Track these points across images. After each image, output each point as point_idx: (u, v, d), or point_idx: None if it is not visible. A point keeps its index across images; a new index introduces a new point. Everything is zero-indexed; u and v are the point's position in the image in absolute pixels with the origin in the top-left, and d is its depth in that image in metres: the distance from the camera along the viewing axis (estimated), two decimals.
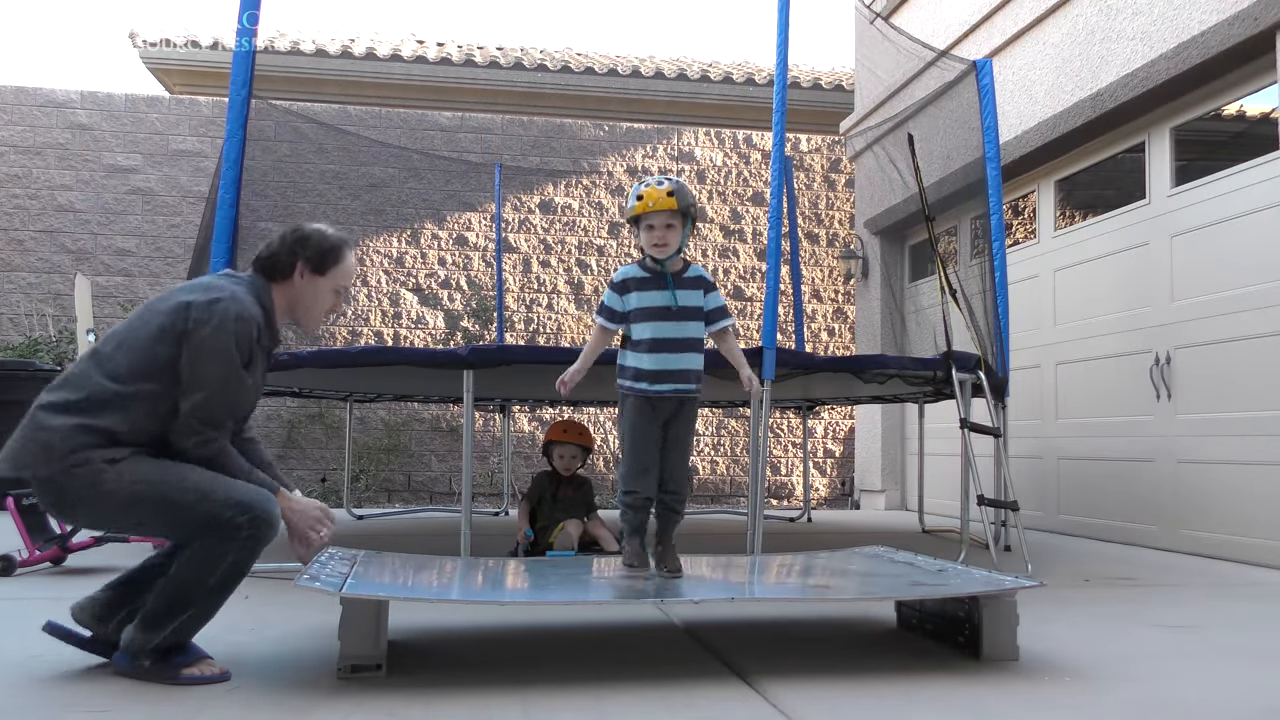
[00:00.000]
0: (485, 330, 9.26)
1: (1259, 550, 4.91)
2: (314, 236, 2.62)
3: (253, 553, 2.34)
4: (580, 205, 9.64)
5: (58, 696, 2.24)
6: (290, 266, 2.58)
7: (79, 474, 2.26)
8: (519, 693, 2.30)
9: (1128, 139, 6.06)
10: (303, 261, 2.58)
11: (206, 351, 2.35)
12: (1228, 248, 5.18)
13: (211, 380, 2.36)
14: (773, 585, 3.21)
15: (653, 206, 3.21)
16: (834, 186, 10.08)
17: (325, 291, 2.64)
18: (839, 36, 27.11)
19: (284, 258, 2.58)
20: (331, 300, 2.66)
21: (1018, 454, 6.63)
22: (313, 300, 2.63)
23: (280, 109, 8.98)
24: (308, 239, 2.61)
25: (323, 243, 2.62)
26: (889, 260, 8.76)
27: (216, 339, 2.36)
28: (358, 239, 9.16)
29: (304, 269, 2.59)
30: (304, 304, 2.62)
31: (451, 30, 31.91)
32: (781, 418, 9.57)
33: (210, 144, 8.91)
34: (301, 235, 2.62)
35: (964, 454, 4.75)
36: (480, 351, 4.29)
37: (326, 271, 2.62)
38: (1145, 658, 2.79)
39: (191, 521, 2.30)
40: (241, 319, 2.40)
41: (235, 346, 2.38)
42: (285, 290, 2.60)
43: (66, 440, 2.26)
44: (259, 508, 2.33)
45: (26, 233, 8.75)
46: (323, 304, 2.65)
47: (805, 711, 2.18)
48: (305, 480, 8.78)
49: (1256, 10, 4.78)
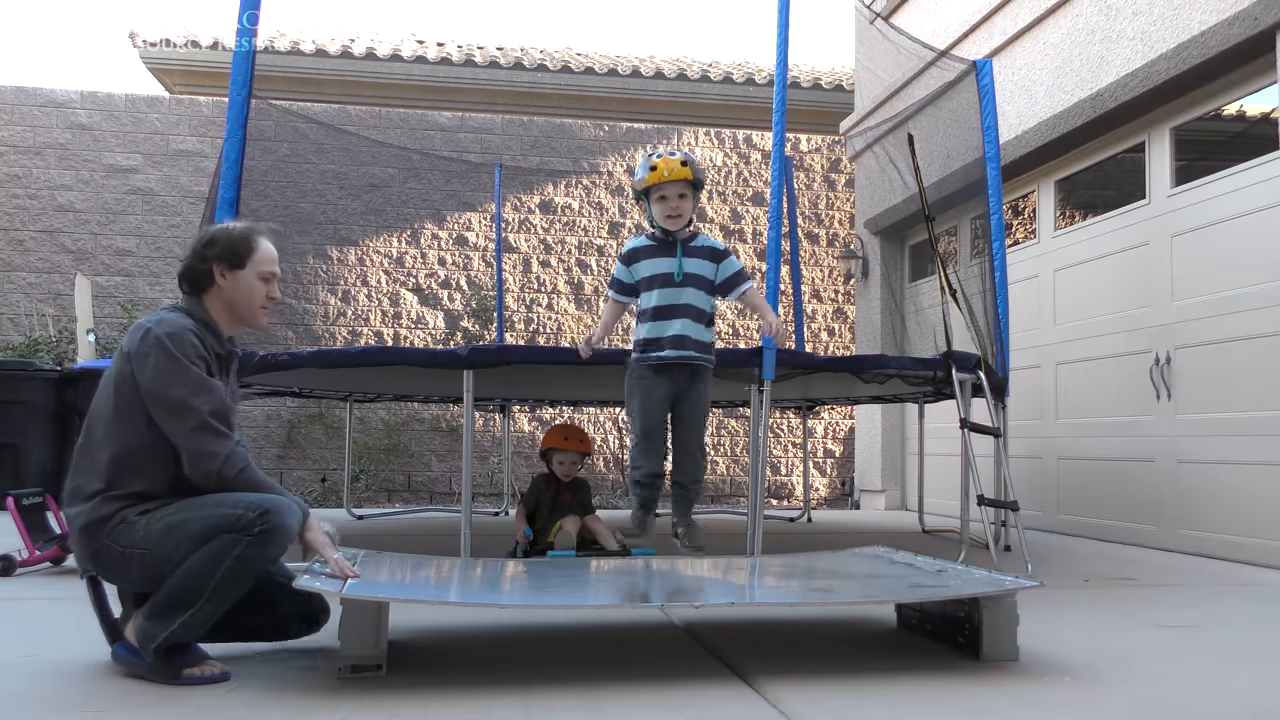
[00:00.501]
0: (485, 330, 9.26)
1: (1259, 550, 4.91)
2: (218, 235, 2.62)
3: (261, 552, 2.32)
4: (580, 205, 9.64)
5: (58, 696, 2.24)
6: (207, 273, 2.57)
7: (120, 533, 2.36)
8: (519, 693, 2.30)
9: (1128, 139, 6.06)
10: (216, 262, 2.57)
11: (160, 379, 2.39)
12: (1228, 248, 5.18)
13: (178, 397, 2.38)
14: (773, 589, 3.20)
15: (668, 176, 3.23)
16: (834, 186, 10.08)
17: (251, 283, 2.60)
18: (839, 36, 27.12)
19: (198, 265, 2.58)
20: (263, 289, 2.63)
21: (1018, 454, 6.63)
22: (245, 295, 2.60)
23: (280, 109, 8.98)
24: (213, 239, 2.61)
25: (229, 237, 2.61)
26: (889, 260, 8.76)
27: (161, 362, 2.39)
28: (358, 239, 9.18)
29: (221, 269, 2.57)
30: (238, 301, 2.60)
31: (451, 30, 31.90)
32: (781, 418, 9.57)
33: (210, 144, 8.91)
34: (207, 238, 2.63)
35: (964, 454, 4.74)
36: (480, 351, 4.29)
37: (244, 264, 2.59)
38: (1145, 658, 2.79)
39: (210, 522, 2.31)
40: (172, 335, 2.43)
41: (182, 357, 2.41)
42: (216, 296, 2.59)
43: (98, 510, 2.38)
44: (272, 507, 2.33)
45: (26, 233, 8.75)
46: (255, 296, 2.62)
47: (805, 711, 2.18)
48: (305, 480, 8.78)
49: (1256, 10, 4.78)
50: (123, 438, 2.42)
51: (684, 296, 3.32)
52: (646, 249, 3.37)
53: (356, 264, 9.20)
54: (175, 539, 2.31)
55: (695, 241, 3.38)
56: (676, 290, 3.32)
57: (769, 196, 4.73)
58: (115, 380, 2.46)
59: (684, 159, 3.29)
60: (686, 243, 3.34)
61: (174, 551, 2.30)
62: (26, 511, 4.26)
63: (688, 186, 3.28)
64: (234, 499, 2.34)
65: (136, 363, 2.41)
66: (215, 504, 2.34)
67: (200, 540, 2.29)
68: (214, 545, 2.29)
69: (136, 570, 2.37)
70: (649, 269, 3.35)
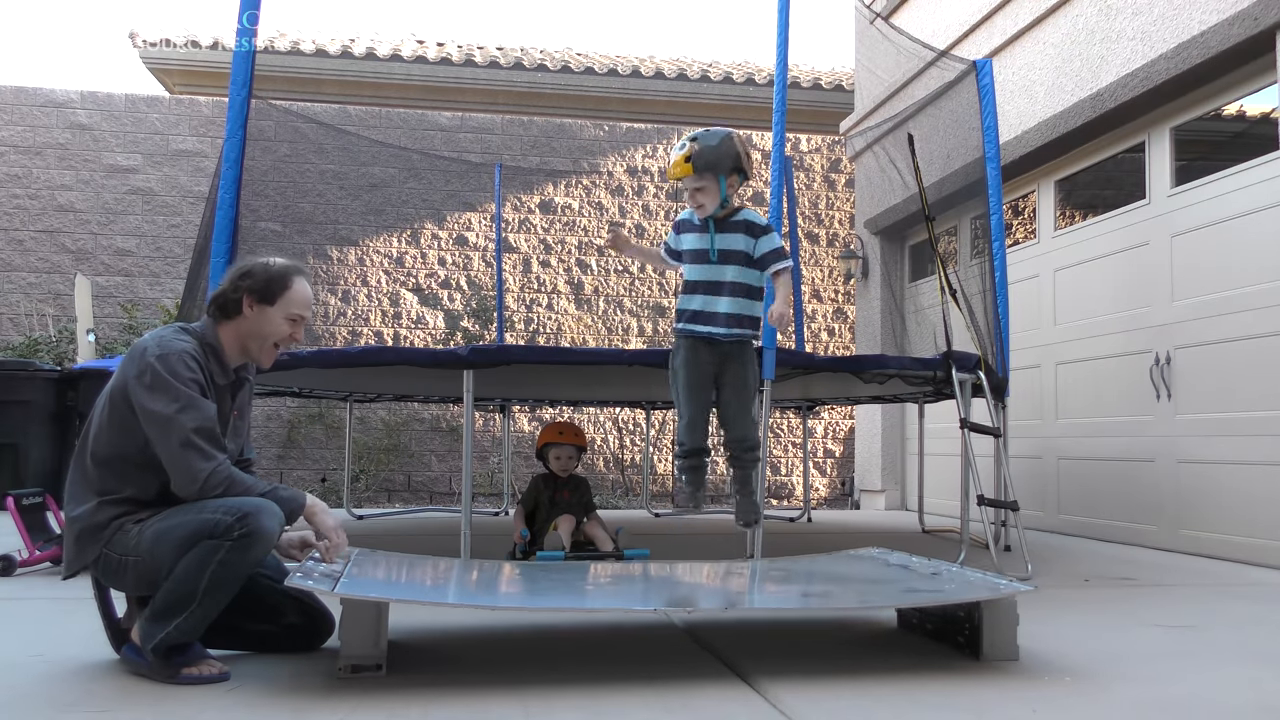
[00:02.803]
0: (485, 330, 9.26)
1: (1259, 550, 4.90)
2: (257, 268, 2.64)
3: (242, 556, 2.34)
4: (580, 205, 9.64)
5: (58, 696, 2.24)
6: (237, 302, 2.60)
7: (116, 540, 2.41)
8: (518, 693, 2.30)
9: (1128, 139, 6.06)
10: (248, 294, 2.60)
11: (150, 395, 2.41)
12: (1228, 248, 5.18)
13: (165, 414, 2.40)
14: (770, 594, 3.19)
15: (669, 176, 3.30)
16: (834, 186, 10.08)
17: (277, 320, 2.63)
18: (839, 36, 27.11)
19: (229, 293, 2.61)
20: (287, 329, 2.65)
21: (1018, 454, 6.63)
22: (264, 330, 2.62)
23: (280, 109, 8.98)
24: (251, 271, 2.64)
25: (267, 272, 2.63)
26: (889, 260, 8.75)
27: (152, 379, 2.42)
28: (358, 239, 9.18)
29: (251, 301, 2.60)
30: (255, 335, 2.63)
31: (451, 30, 31.91)
32: (781, 418, 9.57)
33: (210, 144, 8.91)
34: (245, 269, 2.65)
35: (964, 454, 4.74)
36: (480, 351, 4.29)
37: (275, 300, 2.62)
38: (1145, 658, 2.79)
39: (191, 528, 2.34)
40: (166, 356, 2.45)
41: (171, 377, 2.42)
42: (237, 325, 2.61)
43: (96, 514, 2.43)
44: (251, 511, 2.36)
45: (26, 233, 8.75)
46: (275, 333, 2.64)
47: (805, 711, 2.18)
48: (305, 480, 8.78)
49: (1256, 10, 4.78)
50: (114, 447, 2.46)
51: (726, 274, 3.33)
52: (689, 224, 3.42)
53: (356, 264, 9.20)
54: (163, 546, 2.35)
55: (735, 217, 3.37)
56: (715, 268, 3.34)
57: (769, 196, 4.73)
58: (111, 392, 2.50)
59: (690, 153, 3.24)
60: (724, 220, 3.35)
61: (163, 558, 2.35)
62: (26, 511, 4.26)
63: (701, 179, 3.26)
64: (215, 504, 2.38)
65: (131, 378, 2.45)
66: (198, 510, 2.38)
67: (184, 546, 2.33)
68: (198, 551, 2.32)
69: (132, 576, 2.42)
70: (691, 243, 3.40)
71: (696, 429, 3.38)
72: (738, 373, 3.37)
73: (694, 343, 3.36)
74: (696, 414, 3.37)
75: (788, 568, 3.53)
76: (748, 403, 3.43)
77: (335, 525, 2.66)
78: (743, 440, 3.41)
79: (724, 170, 3.27)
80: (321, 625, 2.70)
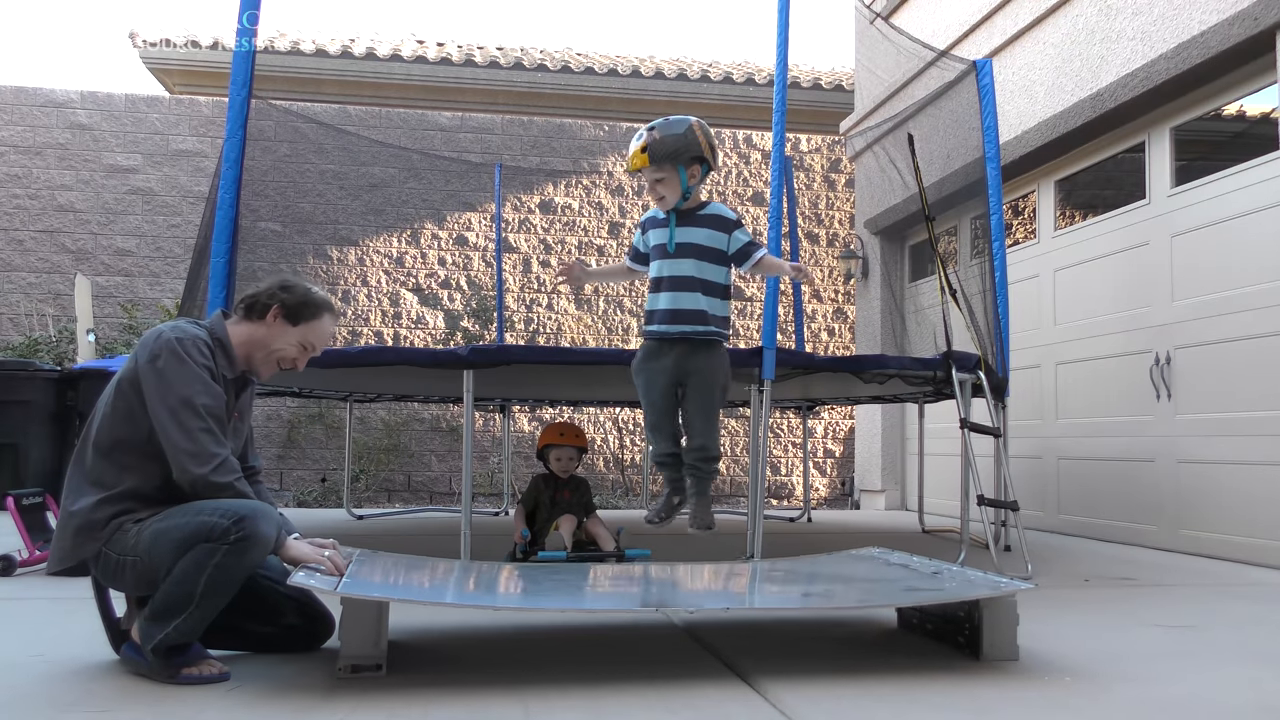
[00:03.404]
0: (485, 330, 9.26)
1: (1259, 550, 4.90)
2: (300, 288, 2.70)
3: (239, 560, 2.33)
4: (580, 205, 9.64)
5: (58, 696, 2.24)
6: (266, 308, 2.64)
7: (116, 541, 2.40)
8: (519, 693, 2.30)
9: (1128, 139, 6.06)
10: (279, 305, 2.64)
11: (166, 377, 2.42)
12: (1228, 248, 5.18)
13: (182, 395, 2.41)
14: (770, 594, 3.19)
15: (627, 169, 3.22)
16: (834, 186, 10.08)
17: (290, 341, 2.67)
18: (839, 36, 27.11)
19: (264, 299, 2.65)
20: (294, 353, 2.69)
21: (1018, 454, 6.63)
22: (275, 344, 2.65)
23: (280, 109, 8.98)
24: (293, 287, 2.69)
25: (305, 295, 2.69)
26: (889, 260, 8.76)
27: (169, 361, 2.43)
28: (358, 239, 9.17)
29: (278, 313, 2.64)
30: (264, 345, 2.65)
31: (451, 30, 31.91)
32: (781, 418, 9.57)
33: (210, 144, 8.91)
34: (289, 284, 2.71)
35: (964, 454, 4.74)
36: (480, 351, 4.29)
37: (299, 323, 2.67)
38: (1145, 658, 2.79)
39: (189, 530, 2.33)
40: (182, 340, 2.47)
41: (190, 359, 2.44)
42: (253, 330, 2.64)
43: (95, 512, 2.42)
44: (248, 514, 2.35)
45: (26, 233, 8.75)
46: (282, 350, 2.67)
47: (805, 711, 2.18)
48: (305, 480, 8.78)
49: (1256, 10, 4.78)
50: (117, 435, 2.46)
51: (683, 268, 3.20)
52: (654, 220, 3.31)
53: (356, 264, 9.20)
54: (161, 547, 2.35)
55: (702, 211, 3.28)
56: (673, 262, 3.21)
57: (769, 196, 4.73)
58: (119, 380, 2.50)
59: (647, 143, 3.12)
60: (688, 213, 3.26)
61: (161, 559, 2.35)
62: (26, 511, 4.26)
63: (659, 169, 3.14)
64: (213, 506, 2.37)
65: (144, 362, 2.45)
66: (195, 512, 2.37)
67: (182, 548, 2.33)
68: (195, 554, 2.32)
69: (131, 576, 2.41)
70: (655, 238, 3.29)
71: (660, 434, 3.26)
72: (700, 376, 3.22)
73: (654, 344, 3.24)
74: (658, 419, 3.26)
75: (788, 568, 3.53)
76: (710, 409, 3.27)
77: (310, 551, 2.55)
78: (701, 449, 3.25)
79: (683, 160, 3.14)
80: (321, 626, 2.70)
